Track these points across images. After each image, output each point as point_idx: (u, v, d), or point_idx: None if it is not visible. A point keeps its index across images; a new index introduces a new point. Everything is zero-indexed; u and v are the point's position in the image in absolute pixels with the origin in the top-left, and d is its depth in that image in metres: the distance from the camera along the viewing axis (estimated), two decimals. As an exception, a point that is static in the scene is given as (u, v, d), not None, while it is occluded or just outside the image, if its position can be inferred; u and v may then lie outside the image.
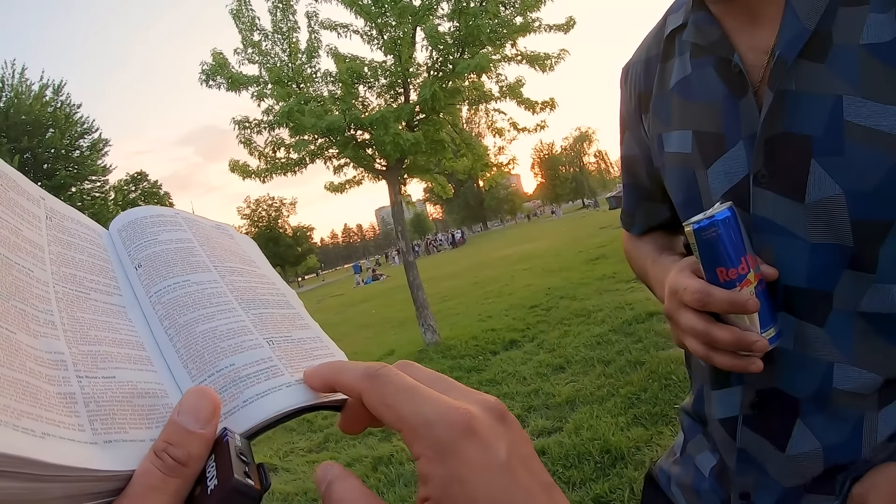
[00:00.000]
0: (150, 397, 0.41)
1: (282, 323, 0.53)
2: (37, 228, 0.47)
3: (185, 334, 0.47)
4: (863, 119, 0.75)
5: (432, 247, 68.76)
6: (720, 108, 0.90)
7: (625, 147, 1.20)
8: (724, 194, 0.90)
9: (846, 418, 0.84)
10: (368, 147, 8.68)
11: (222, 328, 0.48)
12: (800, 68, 0.80)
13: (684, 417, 1.14)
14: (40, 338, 0.38)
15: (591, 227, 25.21)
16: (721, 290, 0.80)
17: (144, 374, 0.43)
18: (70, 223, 0.53)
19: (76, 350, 0.40)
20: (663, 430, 3.76)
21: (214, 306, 0.50)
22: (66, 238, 0.50)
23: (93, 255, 0.52)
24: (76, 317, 0.43)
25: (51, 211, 0.51)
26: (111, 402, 0.38)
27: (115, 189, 42.75)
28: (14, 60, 45.08)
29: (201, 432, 0.37)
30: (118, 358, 0.43)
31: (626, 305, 7.45)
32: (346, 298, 25.18)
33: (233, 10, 8.60)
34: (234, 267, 0.57)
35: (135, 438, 0.37)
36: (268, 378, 0.44)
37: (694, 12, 0.95)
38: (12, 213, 0.45)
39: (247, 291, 0.54)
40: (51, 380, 0.36)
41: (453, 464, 0.35)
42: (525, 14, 8.22)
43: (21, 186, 0.49)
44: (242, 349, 0.46)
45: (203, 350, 0.45)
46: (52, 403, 0.35)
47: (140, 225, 0.56)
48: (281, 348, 0.49)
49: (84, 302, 0.45)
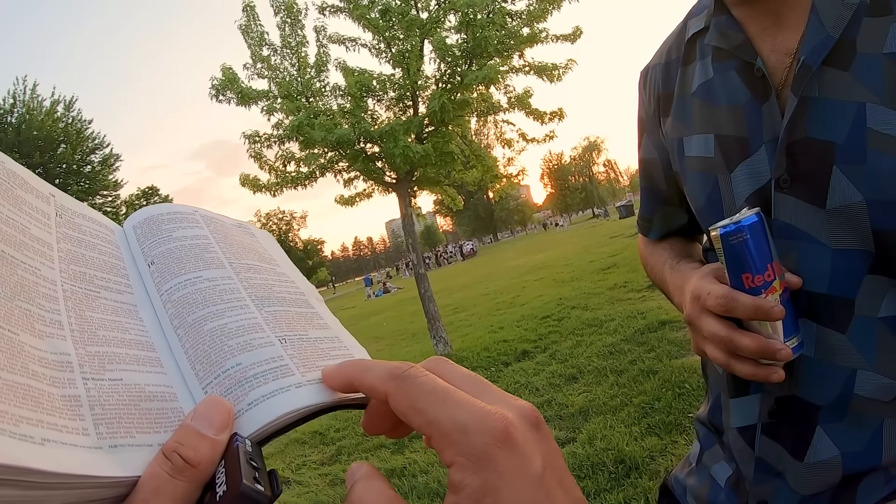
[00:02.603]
0: (159, 401, 0.40)
1: (297, 321, 0.51)
2: (45, 226, 0.46)
3: (194, 333, 0.45)
4: (886, 127, 0.75)
5: (443, 258, 68.75)
6: (743, 111, 0.90)
7: (643, 150, 1.19)
8: (748, 198, 0.89)
9: (866, 425, 0.83)
10: (378, 160, 8.71)
11: (231, 325, 0.46)
12: (823, 75, 0.80)
13: (699, 427, 1.13)
14: (45, 338, 0.37)
15: (602, 236, 25.14)
16: (746, 295, 0.79)
17: (153, 377, 0.42)
18: (81, 220, 0.52)
19: (83, 351, 0.39)
20: (678, 440, 3.72)
21: (225, 303, 0.48)
22: (76, 235, 0.49)
23: (104, 253, 0.51)
24: (85, 316, 0.42)
25: (61, 208, 0.50)
26: (117, 406, 0.37)
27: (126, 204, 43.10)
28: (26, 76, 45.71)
29: (214, 437, 0.37)
30: (126, 359, 0.42)
31: (639, 314, 7.41)
32: (357, 311, 25.20)
33: (241, 25, 8.68)
34: (252, 264, 0.56)
35: (142, 443, 0.36)
36: (276, 378, 0.43)
37: (716, 16, 0.95)
38: (19, 212, 0.44)
39: (262, 289, 0.53)
40: (55, 382, 0.35)
41: (488, 474, 0.33)
42: (532, 25, 8.25)
43: (29, 184, 0.48)
44: (251, 347, 0.45)
45: (210, 349, 0.44)
46: (55, 407, 0.34)
47: (156, 222, 0.55)
48: (294, 347, 0.47)
49: (94, 300, 0.45)
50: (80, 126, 36.18)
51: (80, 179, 35.53)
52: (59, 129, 34.42)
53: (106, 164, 37.70)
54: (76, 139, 35.30)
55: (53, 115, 34.54)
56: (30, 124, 32.68)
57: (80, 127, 36.06)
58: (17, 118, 32.99)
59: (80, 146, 35.68)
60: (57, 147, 34.20)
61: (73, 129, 35.31)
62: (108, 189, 37.60)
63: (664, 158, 1.11)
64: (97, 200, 36.83)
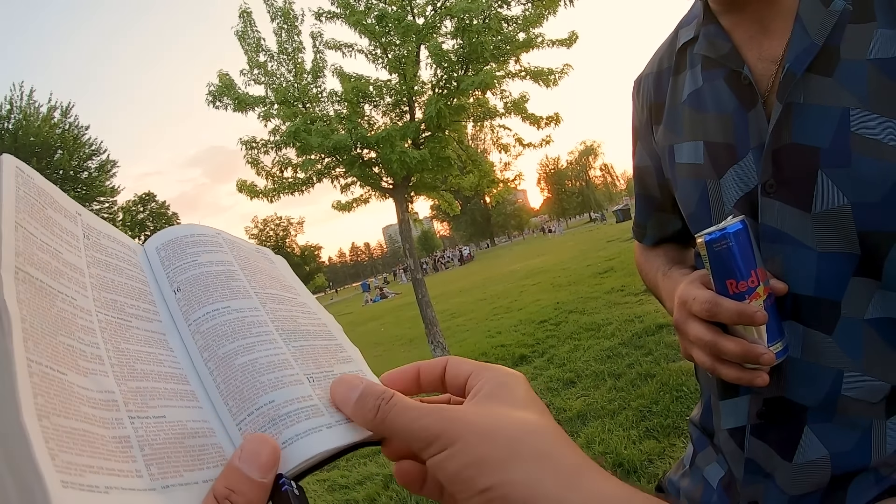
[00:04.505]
0: (200, 437, 0.41)
1: (323, 356, 0.51)
2: (76, 249, 0.45)
3: (225, 367, 0.45)
4: (869, 131, 0.76)
5: (440, 264, 68.71)
6: (731, 119, 0.91)
7: (637, 158, 1.21)
8: (736, 203, 0.91)
9: (854, 426, 0.84)
10: (375, 165, 8.71)
11: (262, 361, 0.46)
12: (808, 81, 0.81)
13: (693, 429, 1.14)
14: (90, 375, 0.37)
15: (599, 240, 25.12)
16: (730, 300, 0.81)
17: (192, 412, 0.42)
18: (106, 241, 0.50)
19: (125, 387, 0.39)
20: (675, 443, 3.73)
21: (255, 336, 0.47)
22: (104, 258, 0.48)
23: (131, 277, 0.49)
24: (121, 348, 0.42)
25: (87, 228, 0.49)
26: (165, 445, 0.38)
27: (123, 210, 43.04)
28: (22, 83, 45.46)
29: (262, 481, 0.37)
30: (165, 394, 0.42)
31: (636, 318, 7.42)
32: (354, 317, 25.13)
33: (238, 31, 8.69)
34: (275, 294, 0.54)
35: (189, 481, 0.37)
36: (308, 417, 0.43)
37: (705, 25, 0.97)
38: (52, 235, 0.43)
39: (287, 321, 0.52)
40: (105, 423, 0.35)
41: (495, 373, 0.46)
42: (528, 30, 8.26)
43: (58, 202, 0.46)
44: (282, 385, 0.44)
45: (242, 385, 0.44)
46: (109, 450, 0.34)
47: (179, 245, 0.54)
48: (321, 387, 0.47)
49: (127, 331, 0.44)
50: (77, 132, 36.09)
51: (77, 186, 35.46)
52: (56, 135, 34.35)
53: (102, 171, 37.64)
54: (73, 145, 35.24)
55: (50, 120, 34.46)
56: (26, 130, 32.60)
57: (76, 133, 35.98)
58: (13, 124, 32.91)
59: (76, 152, 35.61)
60: (54, 153, 34.14)
61: (69, 135, 35.23)
62: (105, 195, 37.53)
63: (657, 166, 1.13)
64: (94, 206, 36.73)
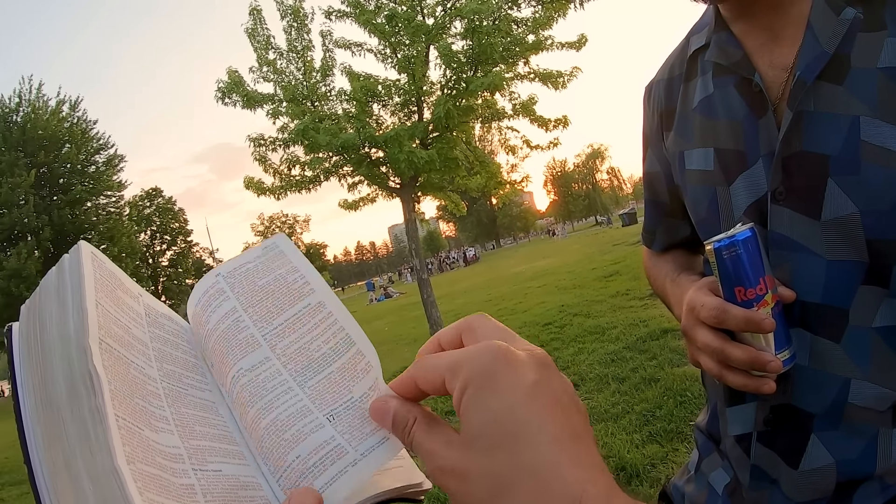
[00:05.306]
0: (251, 489, 0.44)
1: (341, 381, 0.50)
2: (140, 326, 0.50)
3: (254, 431, 0.48)
4: (879, 140, 0.76)
5: (445, 264, 68.69)
6: (741, 126, 0.91)
7: (647, 164, 1.21)
8: (746, 210, 0.91)
9: (861, 434, 0.84)
10: (382, 165, 8.74)
11: (282, 417, 0.47)
12: (818, 89, 0.81)
13: (698, 435, 1.14)
14: (160, 432, 0.42)
15: (605, 243, 25.10)
16: (738, 307, 0.81)
17: (242, 468, 0.46)
18: (164, 319, 0.54)
19: (187, 444, 0.43)
20: (679, 447, 3.72)
21: (271, 391, 0.49)
22: (162, 335, 0.52)
23: (185, 352, 0.53)
24: (181, 412, 0.46)
25: (148, 307, 0.53)
26: (223, 493, 0.42)
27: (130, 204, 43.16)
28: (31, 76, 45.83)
29: None
30: (220, 452, 0.46)
31: (641, 322, 7.41)
32: (358, 316, 24.72)
33: (248, 28, 8.71)
34: (281, 324, 0.53)
35: None
36: (333, 462, 0.45)
37: (716, 32, 0.97)
38: (122, 312, 0.47)
39: (299, 355, 0.51)
40: (174, 472, 0.40)
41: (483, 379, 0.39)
42: (537, 32, 8.28)
43: (125, 285, 0.51)
44: (304, 436, 0.46)
45: (272, 446, 0.46)
46: (179, 494, 0.38)
47: (197, 315, 0.55)
48: (343, 421, 0.47)
49: (185, 398, 0.48)
50: (85, 126, 36.13)
51: (85, 179, 35.47)
52: (64, 129, 34.37)
53: (110, 165, 37.68)
54: (81, 139, 35.25)
55: (59, 114, 34.48)
56: (35, 123, 32.63)
57: (84, 127, 36.01)
58: (22, 117, 32.95)
59: (84, 146, 35.64)
60: (62, 147, 34.16)
61: (77, 128, 35.26)
62: (113, 190, 37.58)
63: (667, 172, 1.13)
64: (101, 200, 36.83)
